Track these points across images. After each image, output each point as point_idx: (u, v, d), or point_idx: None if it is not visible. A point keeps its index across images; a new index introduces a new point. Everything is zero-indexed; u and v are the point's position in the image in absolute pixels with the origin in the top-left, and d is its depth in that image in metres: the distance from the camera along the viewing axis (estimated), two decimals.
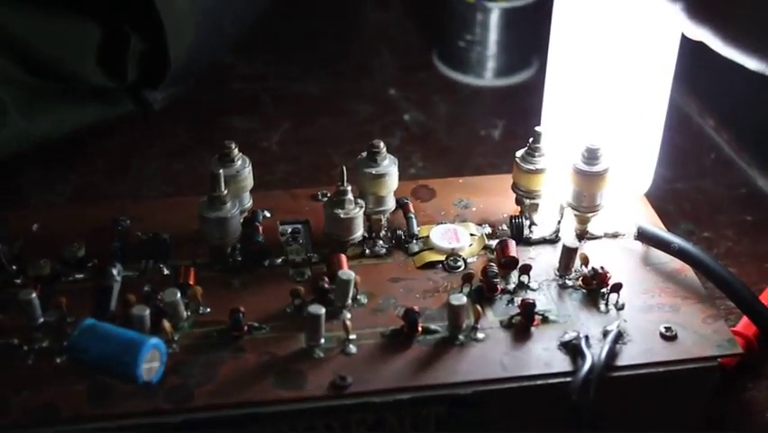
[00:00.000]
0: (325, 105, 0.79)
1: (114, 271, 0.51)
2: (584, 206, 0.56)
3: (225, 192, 0.52)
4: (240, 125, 0.76)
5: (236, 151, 0.54)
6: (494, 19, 0.81)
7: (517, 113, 0.77)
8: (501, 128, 0.77)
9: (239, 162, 0.54)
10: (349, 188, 0.53)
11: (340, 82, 0.82)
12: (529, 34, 0.82)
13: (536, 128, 0.56)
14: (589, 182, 0.55)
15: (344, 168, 0.53)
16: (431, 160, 0.73)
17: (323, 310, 0.49)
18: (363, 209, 0.54)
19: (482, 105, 0.81)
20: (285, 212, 0.58)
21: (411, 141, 0.75)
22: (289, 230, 0.57)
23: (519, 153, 0.57)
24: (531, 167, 0.56)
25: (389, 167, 0.55)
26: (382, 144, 0.55)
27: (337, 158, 0.72)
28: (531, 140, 0.56)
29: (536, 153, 0.56)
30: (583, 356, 0.48)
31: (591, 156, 0.55)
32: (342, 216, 0.53)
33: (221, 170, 0.52)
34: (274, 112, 0.78)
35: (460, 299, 0.49)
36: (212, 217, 0.52)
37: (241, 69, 0.83)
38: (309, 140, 0.75)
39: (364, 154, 0.55)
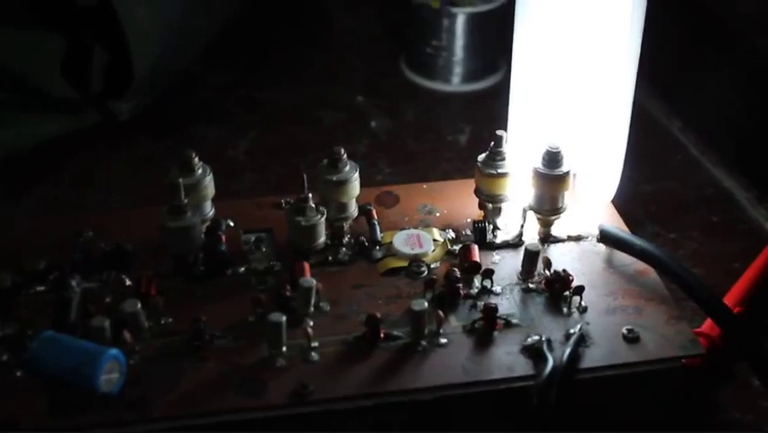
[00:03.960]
0: (293, 113, 0.79)
1: (73, 283, 0.50)
2: (546, 209, 0.56)
3: (185, 201, 0.52)
4: (207, 134, 0.76)
5: (197, 160, 0.54)
6: (460, 24, 0.81)
7: (485, 118, 0.77)
8: (468, 133, 0.77)
9: (199, 171, 0.54)
10: (310, 195, 0.53)
11: (308, 90, 0.82)
12: (496, 39, 0.82)
13: (497, 132, 0.56)
14: (550, 185, 0.55)
15: (305, 175, 0.53)
16: (397, 166, 0.73)
17: (283, 318, 0.48)
18: (325, 216, 0.54)
19: (450, 111, 0.81)
20: (249, 221, 0.58)
21: (378, 147, 0.75)
22: (253, 239, 0.57)
23: (481, 158, 0.57)
24: (493, 171, 0.56)
25: (350, 174, 0.55)
26: (343, 151, 0.55)
27: (304, 166, 0.72)
28: (492, 144, 0.56)
29: (498, 158, 0.56)
30: (545, 360, 0.48)
31: (552, 159, 0.55)
32: (303, 223, 0.53)
33: (180, 180, 0.52)
34: (242, 120, 0.78)
35: (421, 304, 0.49)
36: (172, 227, 0.52)
37: (208, 77, 0.83)
38: (276, 148, 0.75)
39: (325, 162, 0.55)
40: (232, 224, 0.57)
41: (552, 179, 0.55)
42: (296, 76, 0.84)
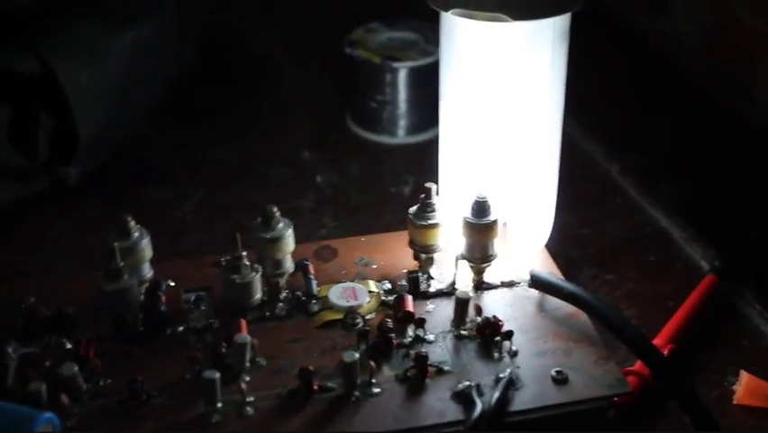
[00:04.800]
0: (240, 171, 0.81)
1: (10, 349, 0.52)
2: (477, 257, 0.58)
3: (122, 264, 0.54)
4: (154, 196, 0.77)
5: (133, 223, 0.56)
6: (402, 78, 0.83)
7: (428, 169, 0.78)
8: (412, 184, 0.78)
9: (136, 234, 0.56)
10: (244, 253, 0.55)
11: (254, 147, 0.83)
12: (437, 91, 0.83)
13: (426, 184, 0.58)
14: (479, 234, 0.57)
15: (239, 235, 0.54)
16: (342, 220, 0.74)
17: (217, 375, 0.50)
18: (260, 273, 0.55)
19: (394, 164, 0.82)
20: (190, 280, 0.59)
21: (323, 202, 0.76)
22: (193, 297, 0.58)
23: (413, 210, 0.58)
24: (424, 222, 0.58)
25: (284, 231, 0.56)
26: (275, 209, 0.56)
27: (249, 224, 0.73)
28: (423, 196, 0.58)
29: (428, 209, 0.58)
30: (474, 404, 0.50)
31: (480, 208, 0.56)
32: (237, 281, 0.54)
33: (116, 243, 0.53)
34: (189, 180, 0.79)
35: (351, 355, 0.51)
36: (109, 290, 0.53)
37: (155, 139, 0.84)
38: (223, 207, 0.76)
39: (259, 220, 0.56)
40: (172, 284, 0.58)
41: (481, 228, 0.57)
42: (242, 134, 0.85)
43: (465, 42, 0.57)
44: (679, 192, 0.75)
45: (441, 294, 0.58)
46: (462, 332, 0.55)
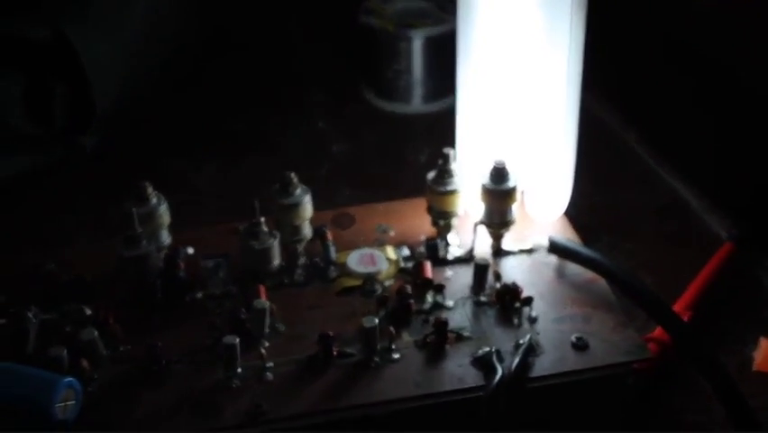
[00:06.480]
0: (255, 141, 0.80)
1: (30, 314, 0.52)
2: (496, 222, 0.57)
3: (140, 231, 0.53)
4: (171, 165, 0.77)
5: (151, 189, 0.56)
6: (417, 46, 0.82)
7: (444, 137, 0.78)
8: (428, 154, 0.78)
9: (154, 201, 0.56)
10: (262, 219, 0.55)
11: (270, 117, 0.83)
12: (454, 59, 0.83)
13: (445, 150, 0.58)
14: (498, 200, 0.56)
15: (257, 202, 0.54)
16: (358, 189, 0.74)
17: (237, 340, 0.50)
18: (278, 239, 0.55)
19: (411, 132, 0.82)
20: (208, 247, 0.59)
21: (339, 171, 0.76)
22: (211, 264, 0.58)
23: (431, 176, 0.58)
24: (442, 188, 0.57)
25: (302, 197, 0.56)
26: (293, 175, 0.56)
27: (266, 192, 0.73)
28: (441, 162, 0.58)
29: (447, 175, 0.57)
30: (494, 370, 0.50)
31: (498, 174, 0.56)
32: (256, 247, 0.54)
33: (134, 209, 0.53)
34: (205, 150, 0.79)
35: (371, 321, 0.51)
36: (128, 256, 0.53)
37: (171, 109, 0.84)
38: (239, 176, 0.76)
39: (277, 186, 0.56)
40: (191, 251, 0.58)
41: (499, 194, 0.56)
42: (258, 105, 0.85)
43: (483, 9, 0.57)
44: (696, 161, 0.75)
45: (460, 261, 0.58)
46: (482, 298, 0.55)
